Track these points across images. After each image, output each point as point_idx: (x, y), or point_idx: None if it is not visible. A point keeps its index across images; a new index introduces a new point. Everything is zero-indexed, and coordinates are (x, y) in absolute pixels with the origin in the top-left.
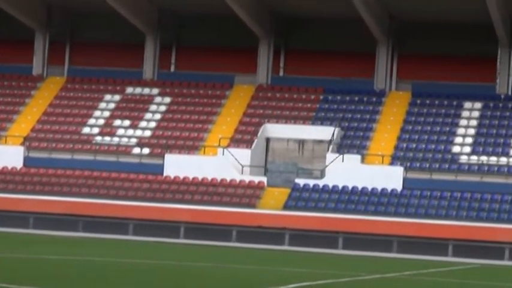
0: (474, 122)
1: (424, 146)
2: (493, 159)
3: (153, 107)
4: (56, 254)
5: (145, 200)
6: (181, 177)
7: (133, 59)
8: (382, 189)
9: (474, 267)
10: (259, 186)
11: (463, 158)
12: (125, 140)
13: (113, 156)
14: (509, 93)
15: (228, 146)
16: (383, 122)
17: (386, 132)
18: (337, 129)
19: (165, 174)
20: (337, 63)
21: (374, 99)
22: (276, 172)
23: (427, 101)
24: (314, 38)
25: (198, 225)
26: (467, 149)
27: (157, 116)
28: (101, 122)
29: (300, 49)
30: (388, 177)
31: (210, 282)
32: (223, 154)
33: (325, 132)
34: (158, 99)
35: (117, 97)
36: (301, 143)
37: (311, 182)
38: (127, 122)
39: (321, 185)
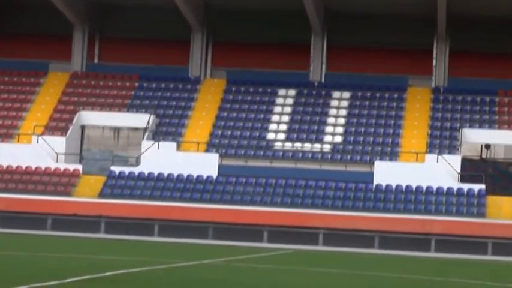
0: (288, 109)
1: (239, 133)
2: (307, 145)
3: None
4: None
5: None
6: None
7: None
8: (198, 176)
9: (288, 253)
10: (75, 174)
11: (278, 145)
12: None
13: None
14: (323, 80)
15: (43, 133)
16: (198, 109)
17: (201, 119)
18: (152, 117)
19: None
20: (152, 50)
21: (189, 86)
22: (91, 160)
23: (242, 89)
24: (129, 25)
25: (12, 213)
26: (282, 136)
27: None
28: None
29: (115, 36)
30: (204, 164)
31: (24, 271)
32: (37, 142)
33: (141, 119)
34: None
35: None
36: (117, 130)
37: (126, 170)
38: None
39: (136, 173)
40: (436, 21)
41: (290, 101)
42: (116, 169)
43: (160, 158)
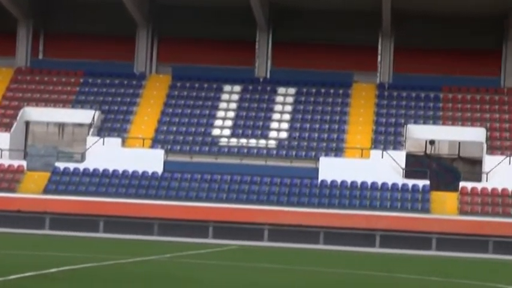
0: (234, 105)
1: (184, 129)
2: (253, 141)
3: None
4: None
5: None
6: None
7: None
8: (143, 172)
9: (233, 249)
10: (19, 170)
11: (223, 141)
12: None
13: None
14: (268, 76)
15: None
16: (143, 105)
17: (146, 115)
18: (97, 113)
19: None
20: (97, 46)
21: (134, 82)
22: (35, 156)
23: (187, 84)
24: (74, 21)
25: None
26: (227, 132)
27: None
28: None
29: (60, 32)
30: (149, 160)
31: None
32: None
33: (86, 115)
34: None
35: None
36: (61, 126)
37: (71, 166)
38: None
39: (81, 169)
40: (380, 17)
41: (235, 96)
42: (61, 165)
43: (105, 154)
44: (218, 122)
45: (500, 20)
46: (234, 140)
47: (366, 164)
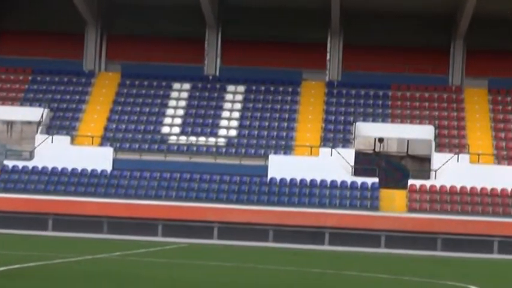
0: (183, 103)
1: (133, 126)
2: (202, 139)
3: None
4: None
5: None
6: None
7: None
8: (92, 170)
9: (183, 247)
10: None
11: (172, 139)
12: None
13: None
14: (217, 74)
15: None
16: (93, 103)
17: (96, 113)
18: (46, 110)
19: None
20: (46, 43)
21: (83, 80)
22: None
23: (136, 82)
24: (23, 18)
25: None
26: (177, 130)
27: None
28: None
29: (8, 29)
30: (98, 158)
31: None
32: None
33: (34, 113)
34: None
35: None
36: (10, 124)
37: (20, 164)
38: None
39: (30, 167)
40: (330, 15)
41: (185, 94)
42: (9, 163)
43: (54, 152)
44: (167, 120)
45: (449, 19)
46: (183, 138)
47: (315, 162)
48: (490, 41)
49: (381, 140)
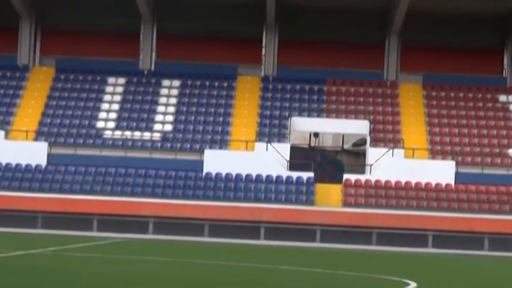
0: (118, 98)
1: (68, 121)
2: (137, 134)
3: None
4: None
5: None
6: None
7: None
8: (27, 165)
9: (118, 242)
10: None
11: (108, 133)
12: None
13: None
14: (152, 68)
15: None
16: (27, 98)
17: (30, 107)
18: None
19: None
20: None
21: (17, 74)
22: None
23: (71, 77)
24: None
25: None
26: (112, 124)
27: None
28: None
29: None
30: (33, 153)
31: None
32: None
33: None
34: None
35: None
36: None
37: None
38: None
39: None
40: (265, 10)
41: (120, 89)
42: None
43: None
44: (102, 115)
45: (384, 15)
46: (118, 133)
47: (251, 157)
48: (425, 37)
49: (316, 134)
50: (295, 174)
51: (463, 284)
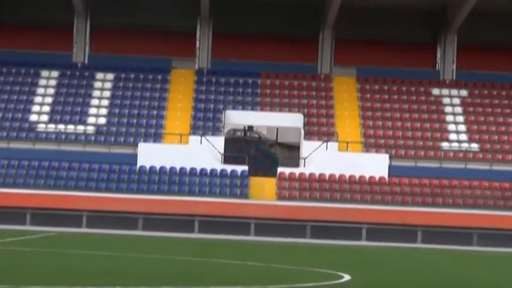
0: (51, 91)
1: (1, 114)
2: (71, 127)
3: None
4: None
5: None
6: None
7: None
8: None
9: (52, 235)
10: None
11: (41, 127)
12: None
13: None
14: (86, 62)
15: None
16: None
17: None
18: None
19: None
20: None
21: None
22: None
23: (4, 70)
24: None
25: None
26: (45, 118)
27: None
28: None
29: None
30: None
31: None
32: None
33: None
34: None
35: None
36: None
37: None
38: None
39: None
40: (199, 2)
41: (53, 82)
42: None
43: None
44: (35, 108)
45: (318, 8)
46: (51, 126)
47: (185, 150)
48: (358, 30)
49: (250, 127)
50: (229, 168)
51: (396, 276)
